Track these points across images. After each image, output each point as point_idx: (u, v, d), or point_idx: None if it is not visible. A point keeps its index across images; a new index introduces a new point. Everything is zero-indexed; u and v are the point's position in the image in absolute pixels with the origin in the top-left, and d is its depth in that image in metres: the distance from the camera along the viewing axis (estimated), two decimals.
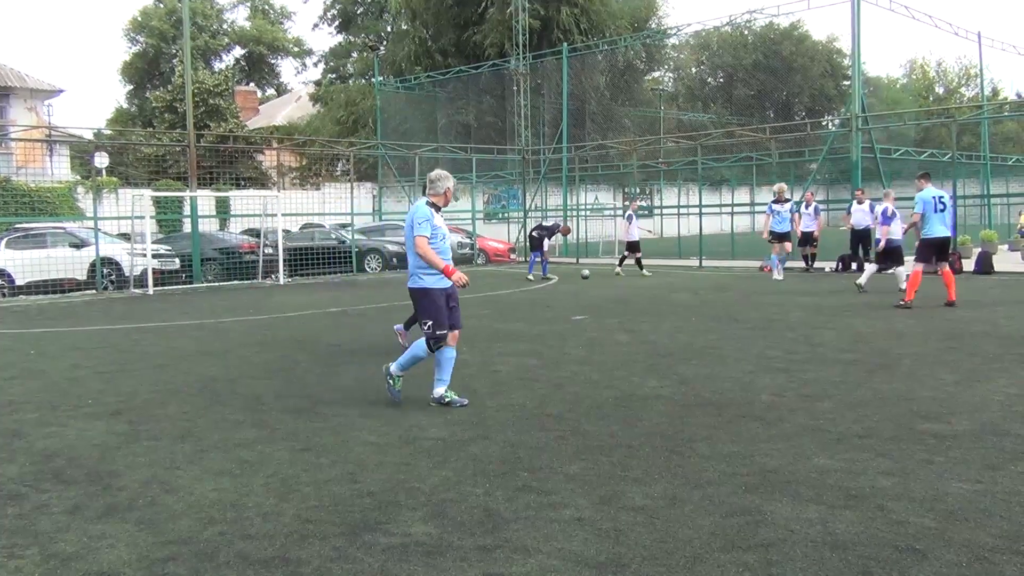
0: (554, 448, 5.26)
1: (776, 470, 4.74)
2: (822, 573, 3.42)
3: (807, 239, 19.45)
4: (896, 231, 14.01)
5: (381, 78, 38.11)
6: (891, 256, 13.96)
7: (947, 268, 12.59)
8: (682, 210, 32.57)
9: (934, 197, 12.61)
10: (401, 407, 6.45)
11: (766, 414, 6.01)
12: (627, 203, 22.10)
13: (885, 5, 23.92)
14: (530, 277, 18.83)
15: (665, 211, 33.39)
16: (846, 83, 51.04)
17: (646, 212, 35.34)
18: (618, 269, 19.89)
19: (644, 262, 19.81)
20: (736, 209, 29.11)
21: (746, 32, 54.96)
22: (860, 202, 18.89)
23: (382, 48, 43.38)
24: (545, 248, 19.11)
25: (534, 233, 19.41)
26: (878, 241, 14.33)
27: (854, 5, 21.69)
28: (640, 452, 5.14)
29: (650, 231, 30.47)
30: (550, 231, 19.44)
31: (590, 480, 4.63)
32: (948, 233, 13.00)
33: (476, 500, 4.34)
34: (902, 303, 12.17)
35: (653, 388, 6.99)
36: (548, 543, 3.77)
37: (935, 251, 12.53)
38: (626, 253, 20.19)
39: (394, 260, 22.87)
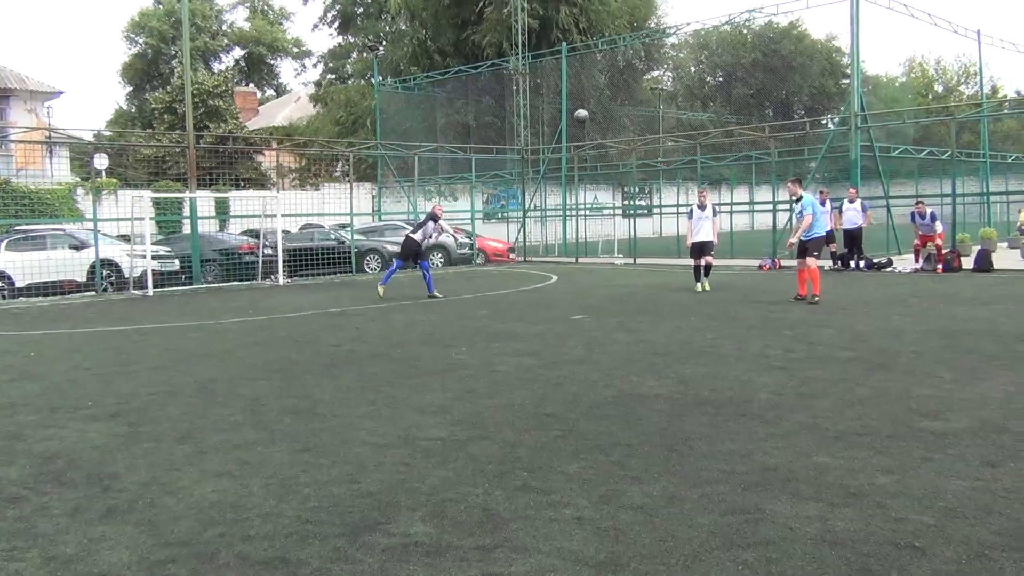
0: (553, 447, 5.27)
1: (775, 468, 4.74)
2: (822, 571, 3.42)
3: (829, 238, 18.74)
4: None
5: (380, 78, 38.12)
6: None
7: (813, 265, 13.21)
8: (681, 209, 32.58)
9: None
10: (399, 408, 6.45)
11: (765, 412, 6.01)
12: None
13: (884, 3, 23.92)
14: (381, 291, 15.04)
15: (665, 210, 33.39)
16: (845, 81, 51.07)
17: (646, 211, 35.34)
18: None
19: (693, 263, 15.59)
20: (735, 208, 29.09)
21: (745, 31, 54.97)
22: (852, 201, 18.94)
23: (381, 48, 43.41)
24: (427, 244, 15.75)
25: (413, 237, 15.28)
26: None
27: (853, 3, 21.70)
28: (639, 451, 5.14)
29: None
30: (422, 227, 15.31)
31: (589, 479, 4.63)
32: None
33: (476, 500, 4.35)
34: (814, 299, 12.71)
35: (652, 387, 6.99)
36: (548, 542, 3.77)
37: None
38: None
39: (393, 261, 22.83)
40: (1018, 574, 3.35)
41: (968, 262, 18.46)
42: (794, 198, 13.78)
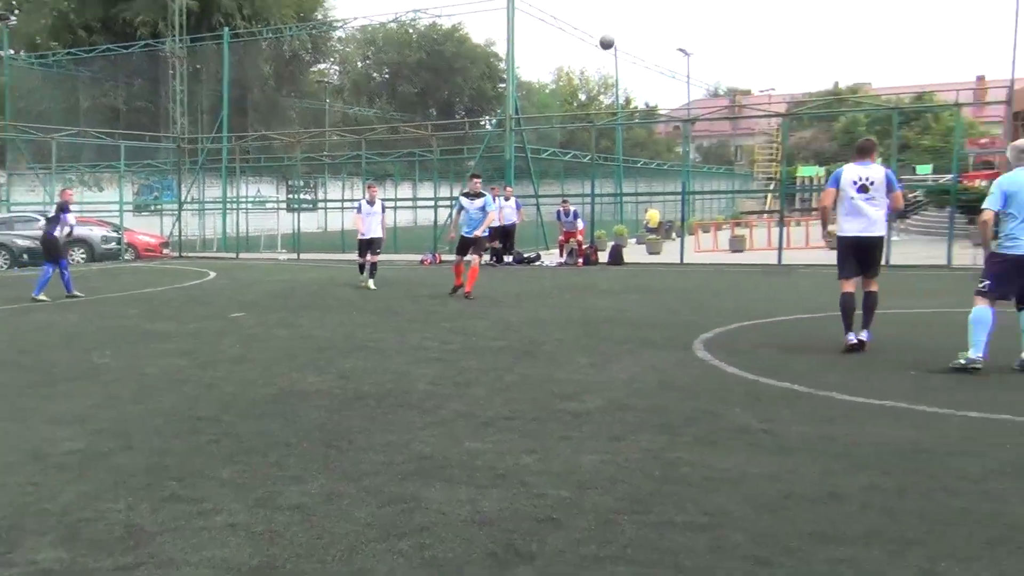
0: (206, 452, 5.03)
1: (431, 456, 4.91)
2: (471, 550, 3.61)
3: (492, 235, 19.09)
4: None
5: (12, 52, 33.93)
6: None
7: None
8: (347, 204, 32.62)
9: None
10: (28, 421, 5.79)
11: (423, 403, 6.21)
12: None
13: (537, 14, 25.83)
14: (43, 298, 13.20)
15: (330, 205, 33.26)
16: (502, 86, 54.10)
17: (311, 206, 34.97)
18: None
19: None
20: (399, 204, 29.72)
21: (411, 31, 56.21)
22: (507, 199, 20.35)
23: (13, 18, 38.58)
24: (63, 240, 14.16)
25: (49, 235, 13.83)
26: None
27: (509, 12, 23.08)
28: (297, 449, 5.07)
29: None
30: (57, 221, 13.81)
31: (244, 483, 4.48)
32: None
33: (117, 516, 4.02)
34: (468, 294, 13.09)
35: (313, 383, 6.93)
36: (197, 553, 3.59)
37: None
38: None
39: (24, 256, 20.40)
40: (636, 534, 3.77)
41: (604, 256, 20.46)
42: (467, 193, 14.12)
